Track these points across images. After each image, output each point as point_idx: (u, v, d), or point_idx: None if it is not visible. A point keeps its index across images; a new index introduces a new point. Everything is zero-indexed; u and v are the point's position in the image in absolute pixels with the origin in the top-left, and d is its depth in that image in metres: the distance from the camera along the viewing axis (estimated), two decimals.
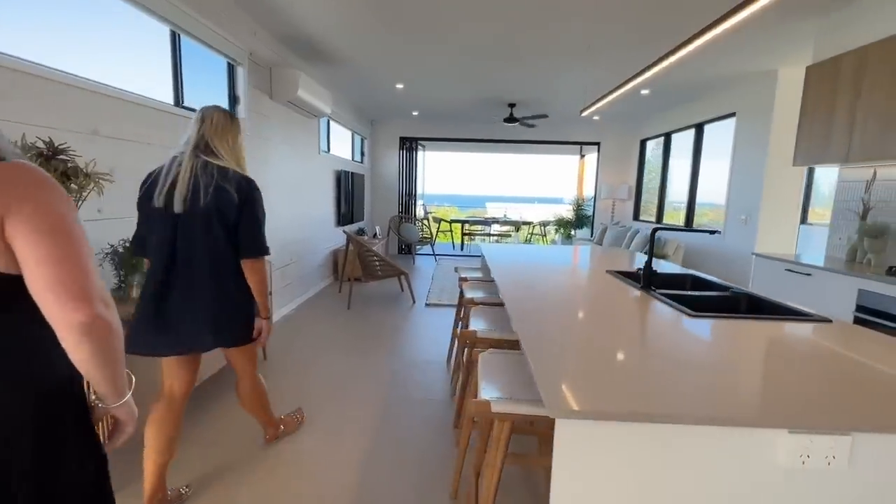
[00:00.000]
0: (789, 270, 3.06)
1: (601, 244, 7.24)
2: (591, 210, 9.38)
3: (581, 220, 9.92)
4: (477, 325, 1.91)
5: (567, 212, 11.67)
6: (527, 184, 27.36)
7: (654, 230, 1.89)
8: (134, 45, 2.51)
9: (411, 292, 5.04)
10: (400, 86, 5.54)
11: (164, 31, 2.64)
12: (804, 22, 3.28)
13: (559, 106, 6.54)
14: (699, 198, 5.99)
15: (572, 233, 10.26)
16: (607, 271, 2.31)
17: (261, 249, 1.62)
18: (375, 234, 7.26)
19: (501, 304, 2.20)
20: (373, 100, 6.51)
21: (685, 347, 1.20)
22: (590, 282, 2.12)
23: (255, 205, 1.61)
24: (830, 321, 1.49)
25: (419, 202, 9.23)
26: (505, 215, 12.30)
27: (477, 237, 10.83)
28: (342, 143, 6.68)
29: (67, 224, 0.70)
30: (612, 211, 8.28)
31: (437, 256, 8.19)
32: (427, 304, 4.86)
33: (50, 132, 1.80)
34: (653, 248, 1.89)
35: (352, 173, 6.51)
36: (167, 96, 2.69)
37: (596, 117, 7.45)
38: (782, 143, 4.43)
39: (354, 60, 4.55)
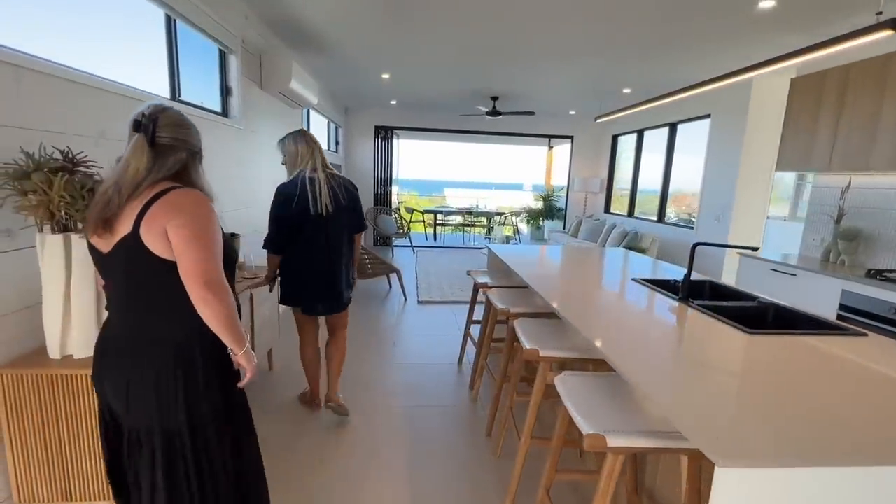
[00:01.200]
0: (775, 270, 3.31)
1: (576, 237, 7.46)
2: (562, 202, 9.63)
3: (551, 210, 10.16)
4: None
5: (534, 201, 11.90)
6: (486, 171, 27.56)
7: (695, 245, 1.96)
8: (127, 34, 2.23)
9: (403, 290, 4.97)
10: (386, 75, 5.35)
11: (158, 19, 2.37)
12: (787, 36, 3.49)
13: (540, 100, 6.60)
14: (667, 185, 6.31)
15: (541, 223, 10.51)
16: (633, 279, 2.39)
17: (363, 225, 2.42)
18: None
19: (542, 315, 2.23)
20: (353, 88, 6.25)
21: (786, 375, 1.27)
22: (628, 293, 2.18)
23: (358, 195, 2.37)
24: (867, 335, 1.63)
25: (394, 192, 9.05)
26: (476, 205, 12.33)
27: (448, 227, 10.82)
28: (319, 133, 6.39)
29: (205, 233, 1.07)
30: (585, 204, 8.54)
31: (415, 248, 8.10)
32: (420, 302, 4.82)
33: (57, 137, 1.58)
34: (692, 262, 1.97)
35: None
36: (163, 89, 2.43)
37: (572, 112, 7.60)
38: (755, 146, 4.74)
39: (344, 48, 4.33)
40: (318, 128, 6.31)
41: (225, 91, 3.13)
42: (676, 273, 2.72)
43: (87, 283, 1.45)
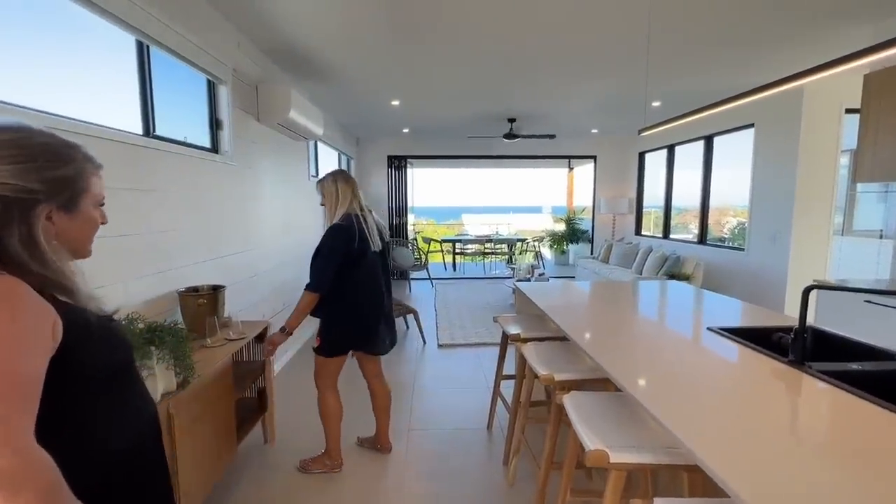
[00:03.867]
0: (872, 302, 2.72)
1: (607, 262, 6.90)
2: (587, 224, 9.09)
3: (575, 233, 9.62)
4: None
5: (553, 223, 11.37)
6: (503, 195, 27.23)
7: (808, 289, 1.45)
8: (88, 62, 1.92)
9: (421, 332, 4.50)
10: (395, 102, 5.06)
11: (128, 44, 2.07)
12: (850, 28, 3.00)
13: (560, 119, 6.21)
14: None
15: (565, 248, 9.95)
16: (710, 329, 1.87)
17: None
18: None
19: (595, 383, 1.73)
20: (362, 117, 6.00)
21: None
22: (710, 350, 1.67)
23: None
24: None
25: (410, 223, 8.71)
26: (497, 232, 11.90)
27: (465, 255, 10.37)
28: (329, 166, 6.12)
29: None
30: (613, 226, 7.99)
31: (433, 281, 7.66)
32: (440, 346, 4.33)
33: None
34: (806, 310, 1.45)
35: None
36: (134, 125, 2.11)
37: (594, 130, 7.18)
38: (813, 156, 4.19)
39: (349, 76, 4.04)
40: (328, 161, 6.04)
41: (214, 124, 2.81)
42: (751, 313, 2.17)
43: None
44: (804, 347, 1.44)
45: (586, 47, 3.33)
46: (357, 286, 2.12)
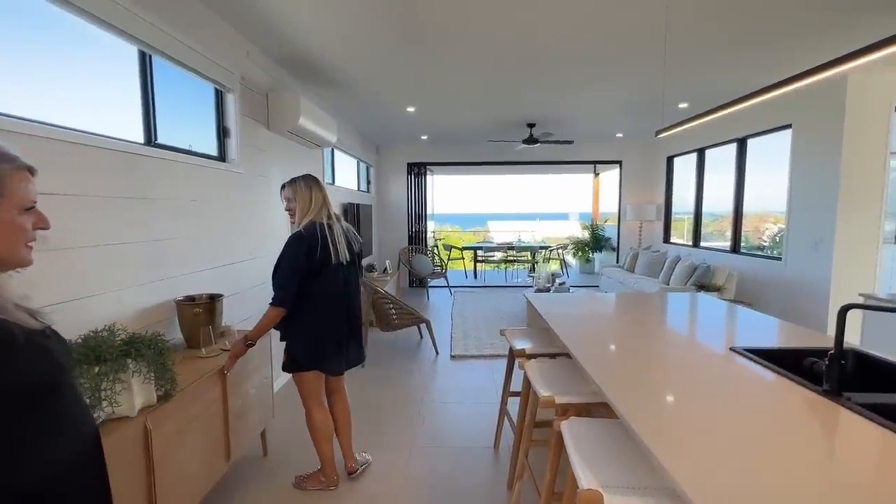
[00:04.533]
0: None
1: (633, 271, 6.61)
2: (611, 232, 8.79)
3: (599, 241, 9.31)
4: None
5: (577, 231, 11.04)
6: (530, 201, 26.86)
7: (846, 308, 1.26)
8: (87, 70, 1.94)
9: (433, 342, 4.39)
10: (411, 109, 5.02)
11: (130, 52, 2.08)
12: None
13: (583, 123, 6.02)
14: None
15: (590, 256, 9.65)
16: (733, 349, 1.68)
17: (363, 274, 2.46)
18: (386, 269, 6.64)
19: (599, 408, 1.58)
20: (379, 124, 6.00)
21: None
22: (723, 373, 1.49)
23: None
24: None
25: (429, 230, 8.65)
26: (519, 239, 11.70)
27: (487, 262, 10.21)
28: (347, 173, 6.14)
29: None
30: (640, 233, 7.67)
31: (452, 289, 7.55)
32: (452, 357, 4.21)
33: None
34: (843, 331, 1.26)
35: (358, 205, 5.94)
36: (136, 133, 2.11)
37: (619, 134, 6.93)
38: (860, 157, 3.85)
39: (362, 83, 4.02)
40: (346, 169, 6.06)
41: (222, 132, 2.82)
42: (786, 332, 1.96)
43: None
44: (841, 375, 1.25)
45: (606, 47, 3.17)
46: (315, 302, 2.01)
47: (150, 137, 2.17)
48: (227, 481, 2.22)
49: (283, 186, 2.10)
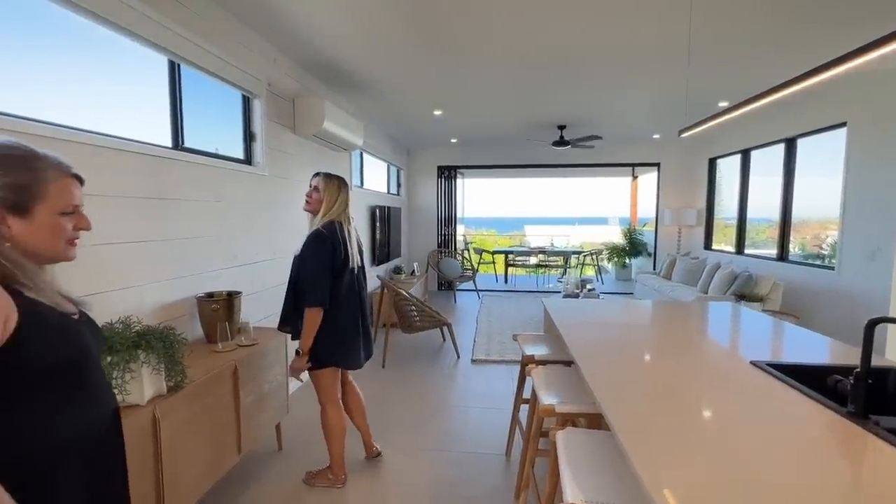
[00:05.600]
0: None
1: (669, 279, 6.31)
2: (649, 237, 8.43)
3: (636, 246, 8.96)
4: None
5: (617, 236, 10.65)
6: (568, 205, 26.29)
7: (873, 322, 1.14)
8: (119, 78, 2.07)
9: (455, 345, 4.36)
10: (438, 112, 5.04)
11: (160, 61, 2.21)
12: None
13: (616, 124, 5.83)
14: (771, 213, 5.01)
15: (627, 262, 9.30)
16: (753, 363, 1.56)
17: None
18: (413, 271, 6.69)
19: (593, 416, 1.50)
20: (408, 128, 6.06)
21: None
22: (737, 388, 1.38)
23: None
24: None
25: (459, 233, 8.63)
26: (552, 244, 11.47)
27: (520, 267, 10.06)
28: (377, 176, 6.24)
29: None
30: (679, 238, 7.32)
31: (480, 293, 7.49)
32: (473, 361, 4.16)
33: None
34: (870, 347, 1.14)
35: (388, 208, 6.03)
36: (164, 137, 2.24)
37: (656, 135, 6.66)
38: None
39: (387, 87, 4.08)
40: (376, 172, 6.17)
41: (248, 137, 2.94)
42: (820, 347, 1.79)
43: None
44: (867, 395, 1.13)
45: (642, 43, 3.05)
46: (339, 300, 2.04)
47: (178, 141, 2.30)
48: (240, 472, 2.29)
49: (318, 174, 2.13)
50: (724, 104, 4.62)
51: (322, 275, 1.98)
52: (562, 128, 5.76)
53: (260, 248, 2.99)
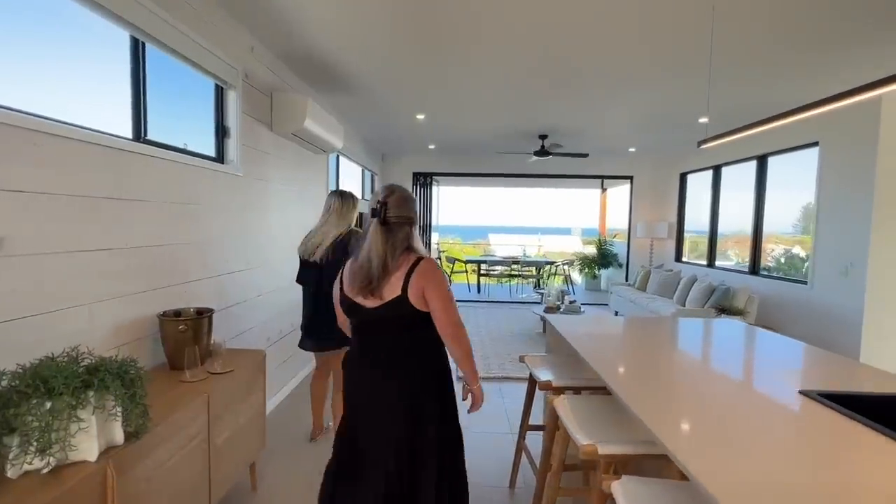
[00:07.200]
0: None
1: (645, 290, 6.37)
2: (619, 248, 8.57)
3: (606, 258, 9.09)
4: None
5: (583, 246, 10.82)
6: (532, 215, 26.69)
7: None
8: (66, 51, 1.72)
9: None
10: (420, 116, 4.83)
11: (120, 37, 1.87)
12: None
13: (596, 136, 5.84)
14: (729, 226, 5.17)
15: (597, 272, 9.41)
16: (803, 393, 1.44)
17: None
18: None
19: (648, 457, 1.33)
20: (386, 132, 5.81)
21: None
22: (799, 423, 1.24)
23: None
24: None
25: (434, 243, 8.42)
26: (524, 253, 11.47)
27: (492, 277, 9.95)
28: (352, 181, 5.94)
29: (447, 292, 1.44)
30: (651, 251, 7.45)
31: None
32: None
33: None
34: None
35: (362, 214, 5.72)
36: (123, 127, 1.89)
37: (632, 149, 6.76)
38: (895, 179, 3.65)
39: (371, 87, 3.83)
40: (351, 176, 5.86)
41: (221, 132, 2.61)
42: (857, 375, 1.71)
43: None
44: None
45: (631, 55, 2.98)
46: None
47: (140, 133, 1.96)
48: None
49: (355, 198, 2.61)
50: (703, 120, 4.70)
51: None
52: (543, 137, 5.70)
53: (234, 255, 2.65)
